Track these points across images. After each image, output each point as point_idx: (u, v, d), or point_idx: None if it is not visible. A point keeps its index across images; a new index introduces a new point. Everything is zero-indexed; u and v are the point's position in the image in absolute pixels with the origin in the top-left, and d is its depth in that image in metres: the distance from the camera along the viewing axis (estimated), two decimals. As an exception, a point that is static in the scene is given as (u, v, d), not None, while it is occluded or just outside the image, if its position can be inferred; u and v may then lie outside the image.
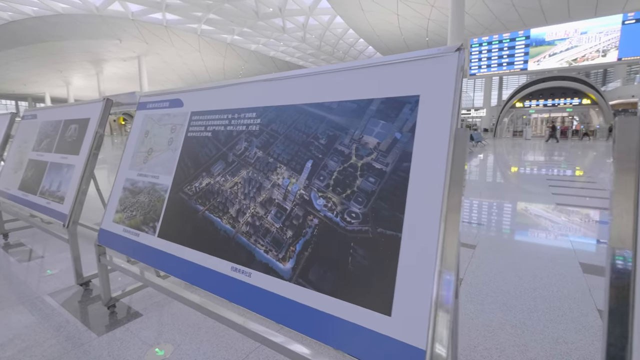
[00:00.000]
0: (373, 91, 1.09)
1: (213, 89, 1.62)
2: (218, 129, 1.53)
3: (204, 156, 1.55)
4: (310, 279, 1.06)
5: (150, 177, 1.74)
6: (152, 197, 1.69)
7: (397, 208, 0.95)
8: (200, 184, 1.50)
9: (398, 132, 1.01)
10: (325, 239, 1.07)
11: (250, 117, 1.42)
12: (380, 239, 0.96)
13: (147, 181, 1.75)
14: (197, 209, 1.47)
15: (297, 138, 1.25)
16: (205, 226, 1.41)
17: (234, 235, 1.30)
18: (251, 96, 1.45)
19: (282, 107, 1.33)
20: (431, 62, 0.99)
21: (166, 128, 1.79)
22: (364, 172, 1.05)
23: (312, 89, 1.25)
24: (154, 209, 1.66)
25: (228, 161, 1.45)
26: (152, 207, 1.67)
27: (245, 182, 1.35)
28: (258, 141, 1.37)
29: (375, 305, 0.92)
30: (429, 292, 0.85)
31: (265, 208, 1.25)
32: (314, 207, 1.13)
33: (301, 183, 1.18)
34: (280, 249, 1.16)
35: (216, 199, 1.42)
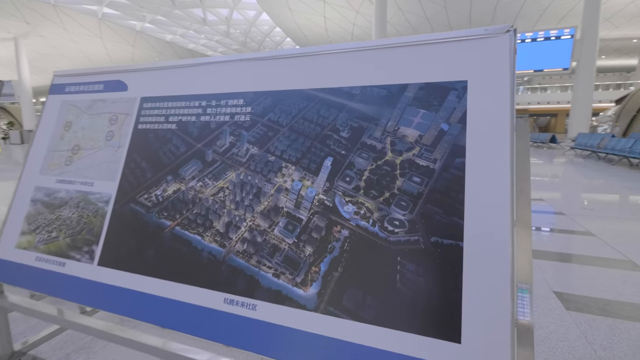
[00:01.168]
0: (407, 75, 0.93)
1: (175, 69, 1.26)
2: (187, 120, 1.19)
3: (167, 155, 1.18)
4: (345, 305, 0.85)
5: (79, 184, 1.28)
6: (84, 212, 1.24)
7: (454, 212, 0.81)
8: (165, 192, 1.14)
9: (444, 123, 0.87)
10: (360, 254, 0.87)
11: (236, 105, 1.13)
12: (436, 250, 0.81)
13: (75, 190, 1.28)
14: (162, 225, 1.11)
15: (308, 131, 1.01)
16: (177, 247, 1.06)
17: (225, 257, 1.00)
18: (235, 78, 1.15)
19: (282, 92, 1.07)
20: (478, 43, 0.87)
21: (101, 119, 1.34)
22: (406, 171, 0.88)
23: (323, 71, 1.03)
24: (88, 227, 1.21)
25: (206, 161, 1.12)
26: (86, 225, 1.22)
27: (235, 186, 1.06)
28: (250, 135, 1.08)
29: (439, 332, 0.76)
30: (506, 310, 0.73)
31: (269, 219, 0.99)
32: (340, 215, 0.91)
33: (319, 186, 0.96)
34: (296, 270, 0.92)
35: (191, 211, 1.09)
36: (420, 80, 0.92)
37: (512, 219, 0.76)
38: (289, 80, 1.07)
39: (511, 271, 0.74)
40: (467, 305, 0.76)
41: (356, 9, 20.36)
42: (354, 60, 0.99)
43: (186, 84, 1.22)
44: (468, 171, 0.82)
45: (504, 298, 0.74)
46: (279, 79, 1.08)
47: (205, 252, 1.03)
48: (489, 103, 0.83)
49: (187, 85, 1.22)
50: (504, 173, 0.79)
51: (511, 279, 0.74)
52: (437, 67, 0.90)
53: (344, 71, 1.00)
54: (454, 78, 0.88)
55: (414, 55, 0.93)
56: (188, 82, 1.22)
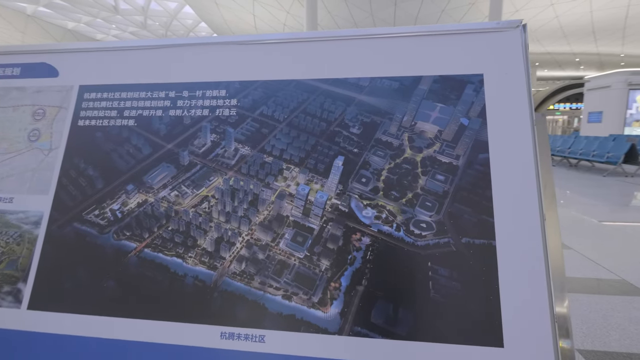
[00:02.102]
0: (420, 67, 0.87)
1: (130, 51, 1.00)
2: (150, 115, 0.95)
3: (124, 158, 0.93)
4: (374, 323, 0.75)
5: (-10, 201, 0.94)
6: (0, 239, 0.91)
7: (483, 210, 0.77)
8: (125, 206, 0.89)
9: (464, 118, 0.83)
10: (386, 263, 0.78)
11: (216, 97, 0.94)
12: (468, 252, 0.76)
13: (-18, 210, 0.93)
14: (124, 248, 0.86)
15: (312, 127, 0.88)
16: (149, 274, 0.84)
17: (217, 281, 0.81)
18: (214, 65, 0.96)
19: (275, 82, 0.92)
20: (493, 36, 0.85)
21: (20, 113, 1.00)
22: (428, 169, 0.82)
23: (325, 60, 0.91)
24: (8, 258, 0.89)
25: (181, 164, 0.91)
26: (5, 255, 0.89)
27: (224, 194, 0.87)
28: (238, 132, 0.91)
29: (480, 339, 0.71)
30: (545, 306, 0.71)
31: (272, 231, 0.83)
32: (359, 221, 0.81)
33: (331, 189, 0.84)
34: (312, 288, 0.78)
35: (165, 227, 0.87)
36: (433, 72, 0.86)
37: (541, 213, 0.75)
38: (283, 68, 0.92)
39: (546, 266, 0.73)
40: (506, 306, 0.72)
41: (287, 10, 20.28)
42: (360, 48, 0.90)
43: (146, 69, 0.98)
44: (493, 167, 0.79)
45: (541, 294, 0.72)
46: (270, 67, 0.93)
47: (190, 278, 0.83)
48: (507, 97, 0.82)
49: (148, 71, 0.98)
50: (529, 168, 0.77)
51: (546, 274, 0.72)
52: (450, 59, 0.86)
53: (350, 60, 0.90)
54: (469, 71, 0.85)
55: (425, 47, 0.88)
56: (148, 67, 0.98)
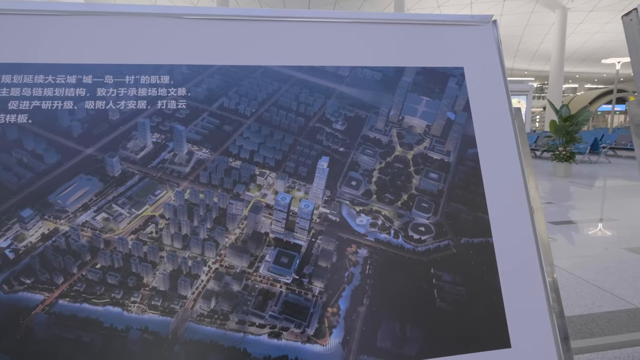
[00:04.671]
0: (402, 57, 0.80)
1: (9, 15, 0.70)
2: (53, 107, 0.67)
3: (12, 171, 0.63)
4: (381, 347, 0.65)
5: None
6: None
7: (478, 207, 0.74)
8: (20, 240, 0.61)
9: (450, 112, 0.79)
10: (387, 275, 0.68)
11: (156, 85, 0.71)
12: (469, 252, 0.72)
13: None
14: (22, 304, 0.58)
15: (287, 122, 0.74)
16: (70, 336, 0.58)
17: (177, 330, 0.61)
18: (149, 42, 0.73)
19: (237, 69, 0.74)
20: (469, 30, 0.83)
21: None
22: (420, 167, 0.75)
23: (299, 44, 0.77)
24: None
25: (109, 175, 0.66)
26: None
27: (177, 213, 0.66)
28: (191, 131, 0.70)
29: (489, 343, 0.68)
30: (542, 299, 0.71)
31: (247, 254, 0.66)
32: (353, 231, 0.70)
33: (317, 196, 0.71)
34: (305, 319, 0.64)
35: (89, 266, 0.62)
36: (415, 63, 0.80)
37: (529, 205, 0.75)
38: (247, 52, 0.75)
39: (539, 257, 0.73)
40: (509, 305, 0.70)
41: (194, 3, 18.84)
42: (339, 33, 0.79)
43: (44, 44, 0.69)
44: (482, 162, 0.76)
45: (538, 286, 0.72)
46: (230, 50, 0.75)
47: (136, 331, 0.60)
48: (487, 91, 0.81)
49: (48, 46, 0.69)
50: (515, 161, 0.77)
51: (540, 266, 0.72)
52: (430, 50, 0.81)
53: (328, 46, 0.78)
54: (450, 64, 0.81)
55: (405, 35, 0.81)
56: (49, 41, 0.70)
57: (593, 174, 6.71)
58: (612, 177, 6.45)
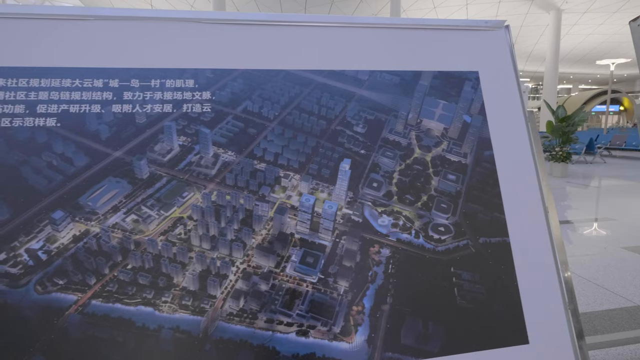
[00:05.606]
0: (420, 61, 0.82)
1: (38, 20, 0.71)
2: (81, 111, 0.68)
3: (43, 174, 0.65)
4: (405, 344, 0.67)
5: None
6: None
7: (494, 207, 0.76)
8: (52, 242, 0.62)
9: (466, 115, 0.81)
10: (409, 274, 0.70)
11: (181, 88, 0.72)
12: (487, 251, 0.74)
13: None
14: (56, 304, 0.59)
15: (309, 125, 0.75)
16: (104, 336, 0.59)
17: (207, 329, 0.62)
18: (174, 47, 0.74)
19: (259, 72, 0.76)
20: (485, 35, 0.85)
21: None
22: (439, 168, 0.77)
23: (319, 49, 0.79)
24: None
25: (137, 178, 0.67)
26: None
27: (204, 214, 0.68)
28: (216, 134, 0.72)
29: (508, 339, 0.70)
30: (558, 296, 0.74)
31: (274, 254, 0.68)
32: (375, 231, 0.72)
33: (340, 197, 0.72)
34: (331, 317, 0.66)
35: (121, 267, 0.63)
36: (431, 67, 0.83)
37: (544, 205, 0.77)
38: (269, 56, 0.77)
39: (554, 256, 0.75)
40: (526, 302, 0.72)
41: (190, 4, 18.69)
42: (358, 38, 0.80)
43: (71, 48, 0.70)
44: (498, 163, 0.79)
45: (553, 283, 0.74)
46: (252, 54, 0.76)
47: (167, 331, 0.61)
48: (501, 94, 0.83)
49: (74, 50, 0.70)
50: (529, 162, 0.79)
51: (555, 264, 0.75)
52: (446, 54, 0.84)
53: (347, 51, 0.80)
54: (465, 68, 0.83)
55: (422, 40, 0.83)
56: (75, 45, 0.71)
57: (589, 174, 6.80)
58: (607, 177, 6.54)
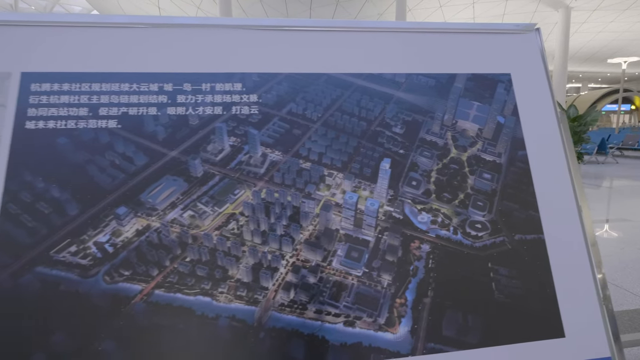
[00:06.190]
0: (454, 64, 0.85)
1: (96, 28, 0.75)
2: (139, 114, 0.73)
3: (107, 172, 0.69)
4: (446, 335, 0.70)
5: None
6: None
7: (529, 206, 0.79)
8: (117, 236, 0.66)
9: (500, 116, 0.84)
10: (449, 269, 0.73)
11: (231, 92, 0.77)
12: (522, 248, 0.77)
13: None
14: (123, 293, 0.64)
15: (351, 126, 0.79)
16: (166, 323, 0.63)
17: (262, 318, 0.66)
18: (221, 52, 0.78)
19: (302, 76, 0.80)
20: (516, 38, 0.88)
21: None
22: (474, 168, 0.80)
23: (357, 53, 0.82)
24: None
25: (192, 176, 0.72)
26: None
27: (255, 211, 0.72)
28: (264, 134, 0.76)
29: (545, 332, 0.72)
30: (593, 293, 0.76)
31: (321, 249, 0.71)
32: (415, 228, 0.75)
33: (381, 195, 0.76)
34: (376, 309, 0.69)
35: (180, 259, 0.67)
36: (465, 70, 0.86)
37: (577, 204, 0.80)
38: (310, 60, 0.81)
39: (588, 253, 0.78)
40: (561, 297, 0.75)
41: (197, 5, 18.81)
42: (395, 42, 0.84)
43: (127, 54, 0.75)
44: (531, 163, 0.81)
45: (588, 279, 0.76)
46: (295, 59, 0.80)
47: (225, 319, 0.65)
48: (533, 96, 0.86)
49: (130, 56, 0.75)
50: (562, 162, 0.82)
51: (590, 261, 0.77)
52: (482, 57, 0.86)
53: (385, 54, 0.83)
54: (498, 70, 0.86)
55: (457, 44, 0.86)
56: (131, 51, 0.75)
57: (601, 174, 6.73)
58: (620, 178, 6.47)
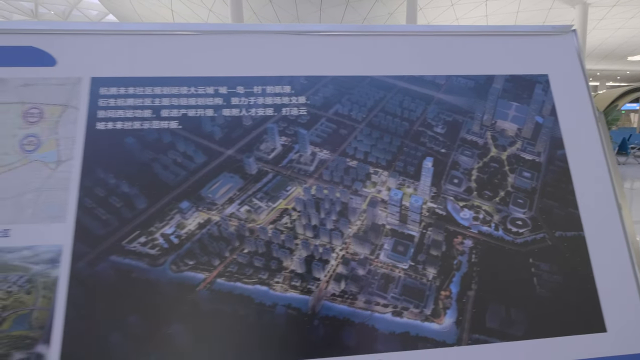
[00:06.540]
0: (492, 66, 0.88)
1: (155, 35, 0.81)
2: (199, 115, 0.78)
3: (170, 170, 0.75)
4: (490, 327, 0.73)
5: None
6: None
7: (569, 204, 0.81)
8: (181, 228, 0.72)
9: (538, 116, 0.86)
10: (491, 263, 0.76)
11: (281, 94, 0.81)
12: (563, 245, 0.79)
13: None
14: (188, 281, 0.69)
15: (394, 127, 0.83)
16: (228, 309, 0.68)
17: (315, 307, 0.70)
18: (273, 57, 0.83)
19: (346, 79, 0.84)
20: (553, 39, 0.90)
21: (1, 114, 0.73)
22: (514, 166, 0.83)
23: (398, 56, 0.86)
24: (16, 314, 0.64)
25: (247, 173, 0.77)
26: (9, 310, 0.64)
27: (306, 206, 0.76)
28: (313, 134, 0.80)
29: (587, 327, 0.74)
30: (634, 289, 0.78)
31: (369, 243, 0.75)
32: (457, 224, 0.78)
33: (424, 192, 0.79)
34: (422, 300, 0.73)
35: (239, 250, 0.72)
36: (504, 72, 0.88)
37: (617, 202, 0.81)
38: (354, 63, 0.85)
39: (628, 250, 0.79)
40: (602, 292, 0.76)
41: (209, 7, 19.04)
42: (434, 45, 0.87)
43: (184, 60, 0.81)
44: (570, 162, 0.83)
45: (629, 276, 0.78)
46: (338, 62, 0.84)
47: (282, 307, 0.70)
48: (571, 96, 0.88)
49: (187, 61, 0.80)
50: (601, 160, 0.84)
51: (630, 258, 0.79)
52: (519, 58, 0.89)
53: (424, 57, 0.86)
54: (535, 71, 0.88)
55: (495, 46, 0.89)
56: (187, 57, 0.81)
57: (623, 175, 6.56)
58: (642, 178, 6.30)
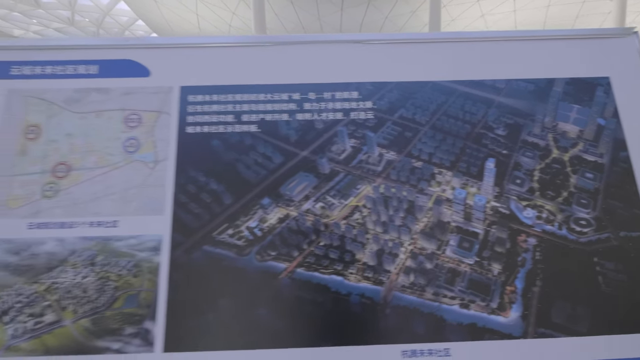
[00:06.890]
0: (552, 69, 0.90)
1: (234, 47, 0.89)
2: (276, 119, 0.85)
3: (252, 169, 0.82)
4: (556, 322, 0.75)
5: (86, 225, 0.76)
6: (109, 271, 0.74)
7: (634, 204, 0.82)
8: (264, 222, 0.79)
9: (600, 118, 0.88)
10: (555, 261, 0.79)
11: (349, 99, 0.87)
12: (628, 244, 0.80)
13: (77, 237, 0.75)
14: (272, 270, 0.76)
15: (456, 129, 0.87)
16: (307, 297, 0.75)
17: (386, 297, 0.76)
18: (341, 65, 0.89)
19: (410, 84, 0.89)
20: (614, 41, 0.91)
21: (106, 119, 0.83)
22: (577, 167, 0.85)
23: (458, 61, 0.90)
24: (126, 294, 0.73)
25: (321, 173, 0.83)
26: (121, 290, 0.73)
27: (376, 203, 0.81)
28: (380, 136, 0.86)
29: (653, 325, 0.76)
30: (701, 288, 0.78)
31: (435, 239, 0.80)
32: (521, 222, 0.81)
33: (488, 192, 0.83)
34: (488, 294, 0.77)
35: (316, 243, 0.78)
36: (564, 75, 0.90)
37: (683, 204, 0.82)
38: (418, 69, 0.89)
39: (695, 252, 0.79)
40: (668, 293, 0.77)
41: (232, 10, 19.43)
42: (494, 50, 0.90)
43: (260, 69, 0.88)
44: (634, 163, 0.84)
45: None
46: (405, 69, 0.89)
47: (355, 296, 0.75)
48: (634, 98, 0.88)
49: (263, 70, 0.88)
50: (666, 163, 0.84)
51: (697, 260, 0.79)
52: (578, 62, 0.91)
53: (483, 62, 0.90)
54: (596, 74, 0.90)
55: (555, 49, 0.91)
56: (263, 66, 0.88)
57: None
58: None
